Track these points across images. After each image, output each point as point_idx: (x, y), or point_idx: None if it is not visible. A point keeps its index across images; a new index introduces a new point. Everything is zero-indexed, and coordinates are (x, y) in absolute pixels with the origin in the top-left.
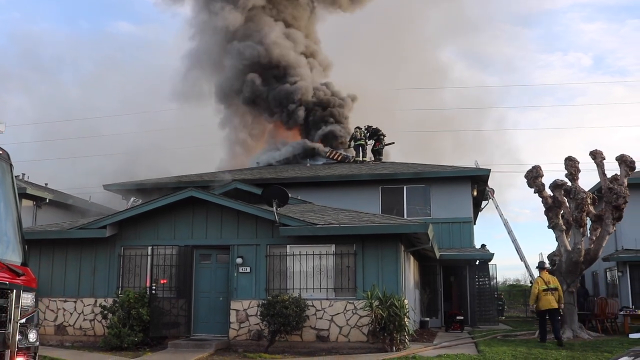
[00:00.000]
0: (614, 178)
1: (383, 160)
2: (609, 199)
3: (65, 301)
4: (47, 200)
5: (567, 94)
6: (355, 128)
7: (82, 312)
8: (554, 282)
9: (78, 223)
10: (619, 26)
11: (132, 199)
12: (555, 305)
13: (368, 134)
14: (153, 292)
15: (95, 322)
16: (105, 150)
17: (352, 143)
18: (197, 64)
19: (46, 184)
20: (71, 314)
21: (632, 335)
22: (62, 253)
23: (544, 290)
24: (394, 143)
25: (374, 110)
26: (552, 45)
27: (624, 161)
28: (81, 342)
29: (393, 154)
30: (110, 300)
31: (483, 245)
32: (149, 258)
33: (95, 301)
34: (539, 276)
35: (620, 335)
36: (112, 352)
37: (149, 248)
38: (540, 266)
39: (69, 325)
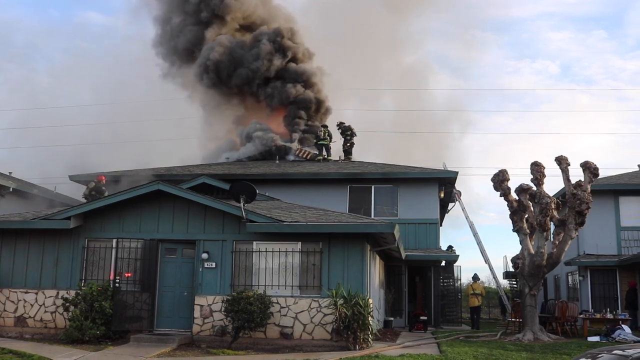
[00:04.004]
0: (578, 184)
1: (353, 160)
2: (573, 204)
3: (26, 292)
4: (11, 189)
5: (534, 100)
6: (321, 126)
7: (44, 304)
8: (478, 289)
9: (42, 213)
10: (585, 36)
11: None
12: (476, 304)
13: (340, 132)
14: (117, 285)
15: (56, 314)
16: (73, 140)
17: (315, 141)
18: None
19: (10, 173)
20: (32, 305)
21: (590, 338)
22: (25, 243)
23: (471, 294)
24: (354, 144)
25: (346, 108)
26: (520, 52)
27: (588, 168)
28: (41, 335)
29: (366, 154)
30: (72, 293)
31: (450, 247)
32: (114, 251)
33: (57, 293)
34: (470, 284)
35: (579, 338)
36: (73, 345)
37: (114, 241)
38: (473, 278)
39: (30, 317)
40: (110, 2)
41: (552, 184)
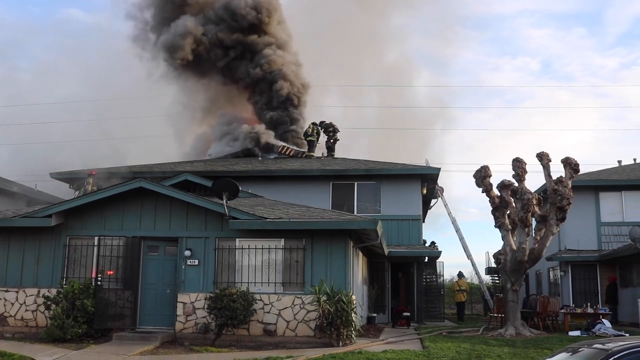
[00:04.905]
0: (559, 180)
1: (336, 156)
2: (554, 200)
3: (6, 291)
4: None
5: (515, 96)
6: (311, 123)
7: (25, 302)
8: (464, 285)
9: (22, 211)
10: (565, 33)
11: (84, 185)
12: (462, 300)
13: (322, 129)
14: (99, 283)
15: (37, 313)
16: (54, 137)
17: (304, 137)
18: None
19: None
20: (12, 304)
21: (571, 333)
22: (4, 242)
23: (457, 290)
24: (338, 140)
25: (328, 105)
26: (501, 49)
27: (569, 164)
28: (22, 334)
29: (349, 151)
30: (54, 291)
31: (433, 243)
32: (96, 248)
33: (39, 291)
34: (456, 281)
35: (560, 333)
36: (55, 343)
37: (96, 238)
38: (459, 275)
39: (10, 316)
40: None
41: (534, 180)
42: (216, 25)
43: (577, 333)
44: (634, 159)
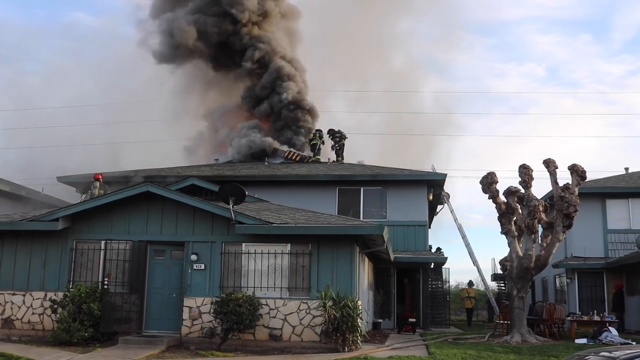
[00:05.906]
0: (566, 187)
1: (343, 162)
2: (560, 207)
3: (13, 294)
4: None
5: (521, 102)
6: (316, 130)
7: (31, 305)
8: (472, 293)
9: (29, 215)
10: (571, 40)
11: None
12: (470, 306)
13: (330, 136)
14: (105, 287)
15: (44, 316)
16: (60, 141)
17: (309, 143)
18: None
19: None
20: (19, 307)
21: (577, 341)
22: (12, 245)
23: (466, 297)
24: (343, 144)
25: (334, 110)
26: (507, 55)
27: (576, 170)
28: (29, 337)
29: (356, 157)
30: (60, 295)
31: (439, 249)
32: (102, 252)
33: (45, 295)
34: (465, 288)
35: (566, 341)
36: (61, 347)
37: (102, 242)
38: (469, 283)
39: (17, 319)
40: (98, 4)
41: (540, 187)
42: (211, 19)
43: (583, 341)
44: None
